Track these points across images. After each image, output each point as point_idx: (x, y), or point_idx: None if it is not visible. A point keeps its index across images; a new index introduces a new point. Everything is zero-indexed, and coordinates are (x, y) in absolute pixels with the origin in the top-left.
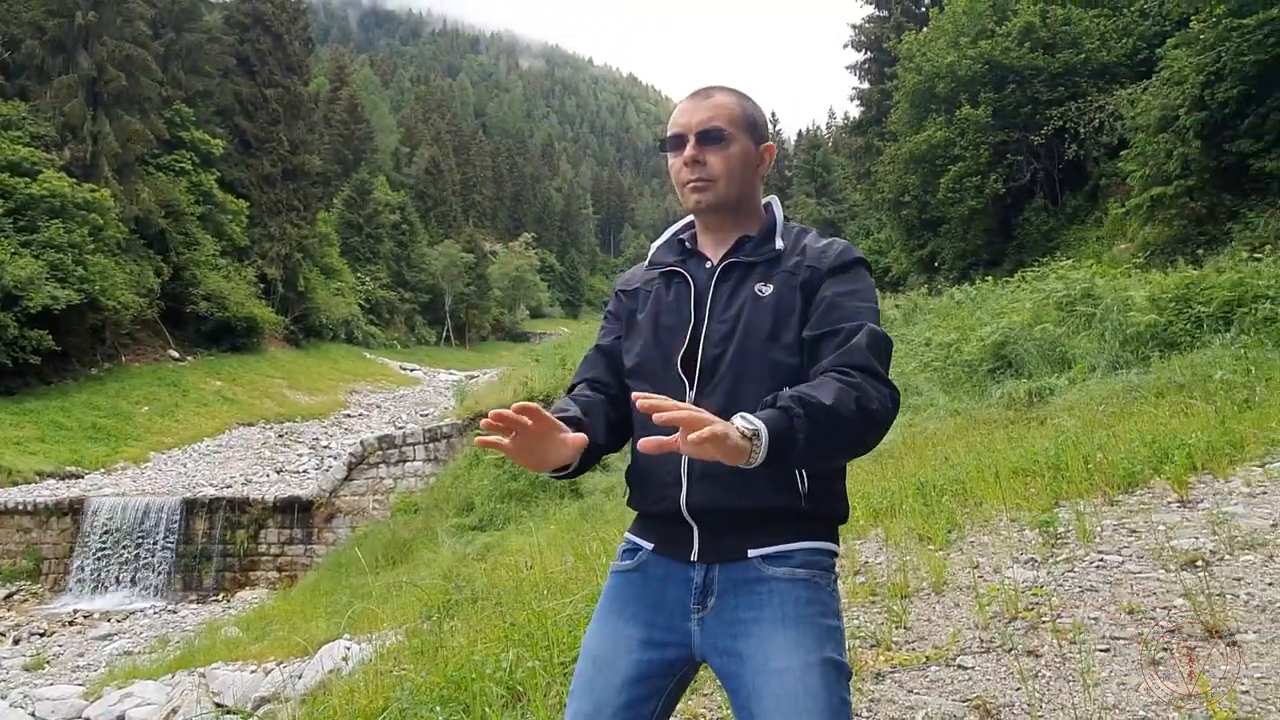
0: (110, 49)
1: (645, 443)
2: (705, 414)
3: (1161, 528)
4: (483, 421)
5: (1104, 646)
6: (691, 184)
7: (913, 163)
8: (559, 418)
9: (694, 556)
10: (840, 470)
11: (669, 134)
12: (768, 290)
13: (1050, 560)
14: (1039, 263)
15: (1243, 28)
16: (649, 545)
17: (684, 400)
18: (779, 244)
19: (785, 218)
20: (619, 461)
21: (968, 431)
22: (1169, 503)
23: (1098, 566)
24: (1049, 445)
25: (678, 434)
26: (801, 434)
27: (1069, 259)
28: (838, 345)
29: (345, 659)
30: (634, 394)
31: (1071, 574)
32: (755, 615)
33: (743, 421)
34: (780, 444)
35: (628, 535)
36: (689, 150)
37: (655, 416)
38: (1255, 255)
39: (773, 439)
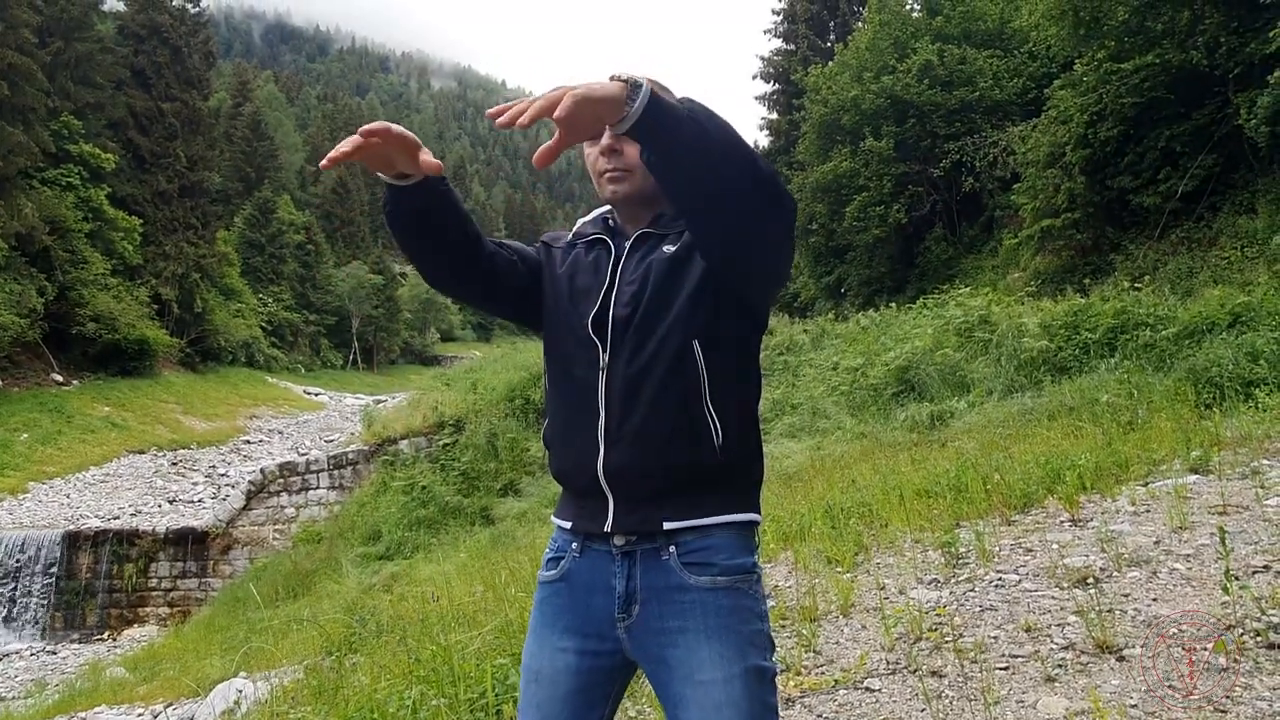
0: None
1: (539, 153)
2: (560, 90)
3: (1055, 546)
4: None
5: (1004, 664)
6: (608, 174)
7: (819, 191)
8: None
9: (608, 527)
10: (754, 421)
11: None
12: (671, 249)
13: (952, 580)
14: (939, 290)
15: (1121, 71)
16: (567, 525)
17: (599, 362)
18: None
19: None
20: (531, 486)
21: (874, 454)
22: (1061, 521)
23: (997, 586)
24: (950, 467)
25: (540, 99)
26: (683, 112)
27: (967, 286)
28: None
29: (239, 701)
30: (488, 111)
31: (972, 593)
32: (681, 625)
33: (625, 73)
34: (658, 110)
35: (553, 519)
36: (605, 140)
37: (518, 122)
38: (1135, 285)
39: (652, 99)
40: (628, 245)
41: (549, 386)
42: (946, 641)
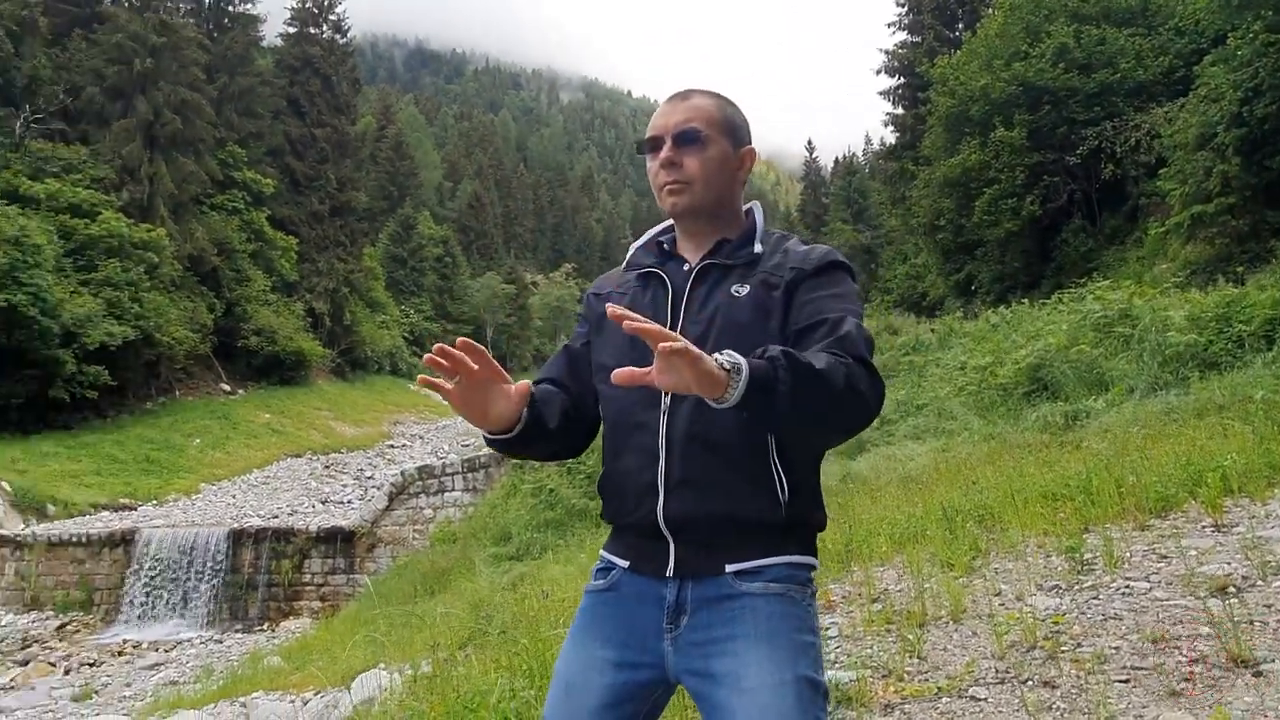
0: (166, 94)
1: (619, 374)
2: (677, 335)
3: (1193, 553)
4: (425, 358)
5: (1124, 677)
6: (668, 186)
7: (947, 186)
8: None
9: (670, 572)
10: (816, 472)
11: (647, 136)
12: (744, 291)
13: (1075, 587)
14: (1077, 284)
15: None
16: (624, 564)
17: (659, 407)
18: (758, 248)
19: (766, 224)
20: None
21: (1001, 456)
22: (1202, 527)
23: (1124, 593)
24: (1081, 469)
25: (655, 327)
26: (784, 385)
27: (1109, 280)
28: (828, 332)
29: (379, 689)
30: (608, 306)
31: (1096, 601)
32: (728, 633)
33: (724, 356)
34: (759, 387)
35: (602, 553)
36: (665, 152)
37: (625, 325)
38: None
39: (753, 379)
40: (690, 280)
41: (606, 432)
42: (1063, 651)
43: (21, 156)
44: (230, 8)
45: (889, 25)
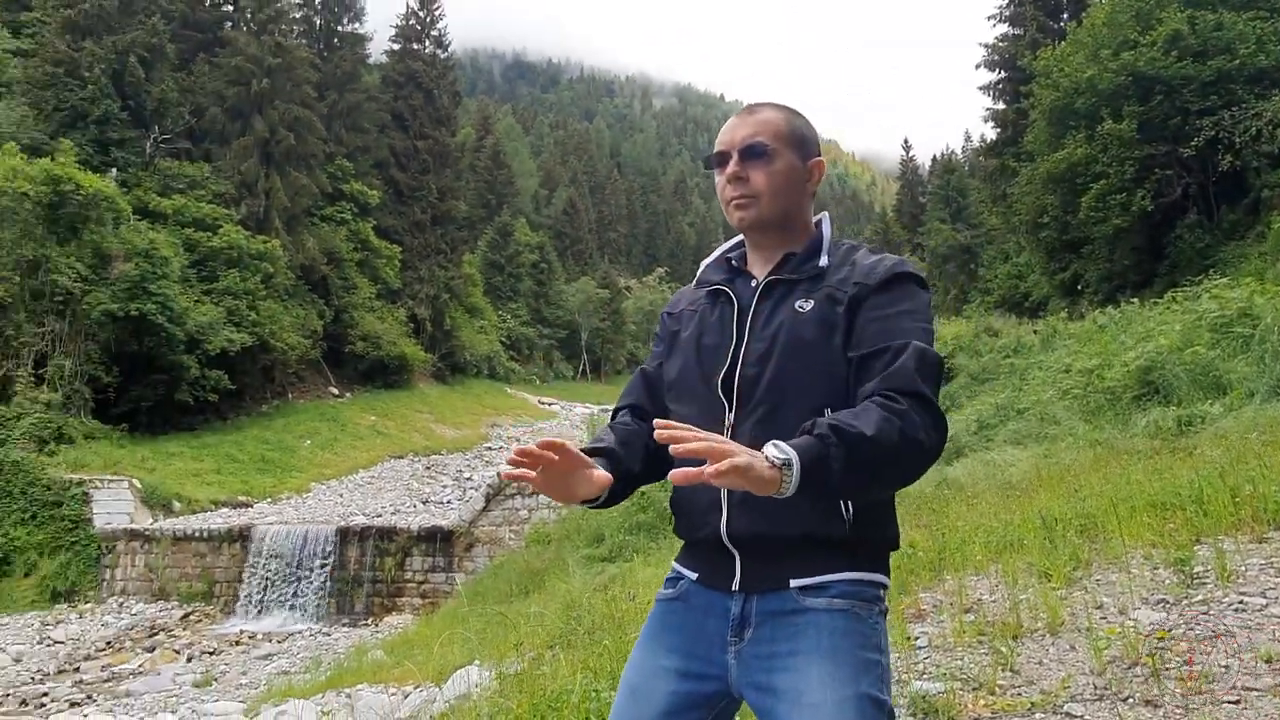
0: (281, 112)
1: (675, 474)
2: (727, 444)
3: None
4: (508, 459)
5: (1233, 698)
6: (735, 200)
7: (1051, 182)
8: (594, 448)
9: (735, 585)
10: (889, 495)
11: (714, 151)
12: (808, 306)
13: (1183, 602)
14: (1192, 282)
15: None
16: (693, 576)
17: (722, 424)
18: (824, 260)
19: (834, 235)
20: None
21: (1107, 463)
22: None
23: (1236, 609)
24: (1194, 477)
25: (704, 445)
26: (837, 464)
27: (1227, 277)
28: (884, 366)
29: (473, 685)
30: (656, 422)
31: (1206, 617)
32: (791, 648)
33: (774, 450)
34: (813, 474)
35: (674, 564)
36: (731, 166)
37: (672, 449)
38: None
39: (805, 469)
40: (755, 296)
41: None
42: (1167, 668)
43: (151, 175)
44: (339, 28)
45: (989, 18)
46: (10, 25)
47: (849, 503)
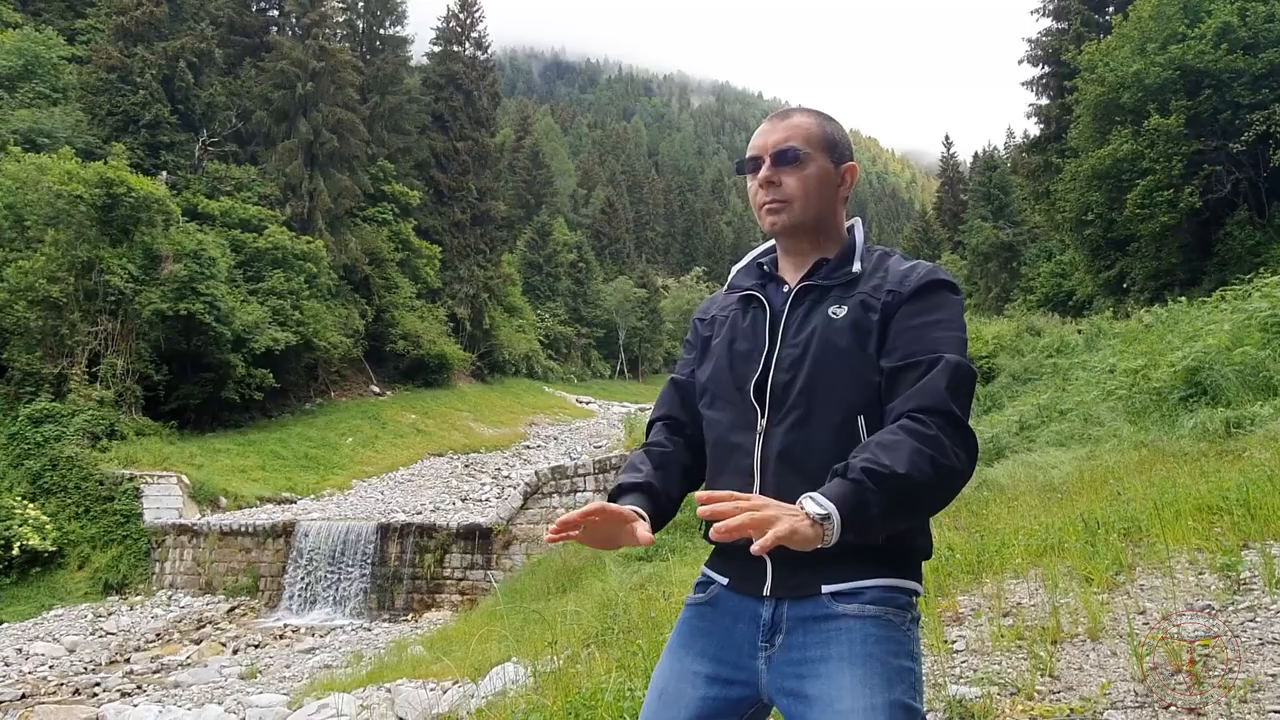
0: (325, 114)
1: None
2: (767, 511)
3: None
4: (550, 531)
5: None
6: (767, 205)
7: (1096, 179)
8: (632, 482)
9: (767, 591)
10: None
11: (746, 156)
12: (841, 313)
13: (1230, 608)
14: (1243, 280)
15: None
16: (723, 581)
17: (755, 429)
18: (856, 267)
19: (866, 241)
20: None
21: (1153, 465)
22: None
23: None
24: (1241, 480)
25: (744, 518)
26: (875, 509)
27: (1279, 275)
28: (914, 381)
29: (510, 682)
30: (696, 496)
31: (1253, 624)
32: (822, 654)
33: (812, 505)
34: (853, 522)
35: (704, 569)
36: (764, 171)
37: (713, 534)
38: None
39: (845, 520)
40: (788, 302)
41: (708, 452)
42: (1212, 676)
43: (200, 177)
44: (381, 31)
45: (1032, 13)
46: (66, 32)
47: None
